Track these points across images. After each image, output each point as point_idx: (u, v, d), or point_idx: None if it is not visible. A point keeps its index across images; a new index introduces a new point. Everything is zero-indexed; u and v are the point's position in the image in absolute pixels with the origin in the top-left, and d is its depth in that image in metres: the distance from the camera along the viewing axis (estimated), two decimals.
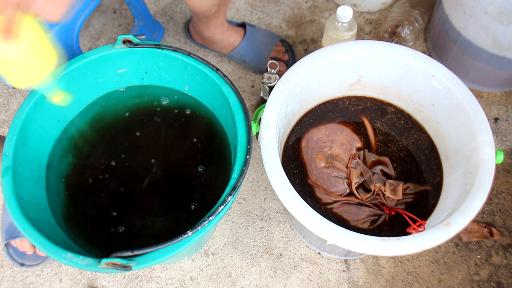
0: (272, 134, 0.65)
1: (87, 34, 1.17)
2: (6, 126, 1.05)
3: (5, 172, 0.62)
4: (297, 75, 0.70)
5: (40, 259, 0.89)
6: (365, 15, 1.20)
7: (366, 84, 0.80)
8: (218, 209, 0.58)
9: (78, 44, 0.84)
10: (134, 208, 0.71)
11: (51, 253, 0.57)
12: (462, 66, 1.03)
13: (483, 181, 0.61)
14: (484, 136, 0.65)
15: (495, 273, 0.89)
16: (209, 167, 0.74)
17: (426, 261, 0.90)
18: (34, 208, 0.64)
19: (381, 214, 0.72)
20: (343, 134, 0.79)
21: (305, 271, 0.89)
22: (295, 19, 1.19)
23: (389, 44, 0.73)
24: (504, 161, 0.99)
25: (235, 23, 1.11)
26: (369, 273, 0.89)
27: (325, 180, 0.75)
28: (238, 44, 1.05)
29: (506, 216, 0.94)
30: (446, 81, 0.70)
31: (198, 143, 0.76)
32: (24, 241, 0.87)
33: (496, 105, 1.06)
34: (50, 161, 0.72)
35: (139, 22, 1.08)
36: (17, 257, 0.88)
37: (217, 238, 0.92)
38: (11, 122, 0.66)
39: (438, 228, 0.58)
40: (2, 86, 1.10)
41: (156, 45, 0.71)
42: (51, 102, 0.62)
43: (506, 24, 0.86)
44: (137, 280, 0.88)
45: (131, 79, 0.78)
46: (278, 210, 0.95)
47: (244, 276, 0.89)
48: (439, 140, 0.77)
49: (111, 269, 0.54)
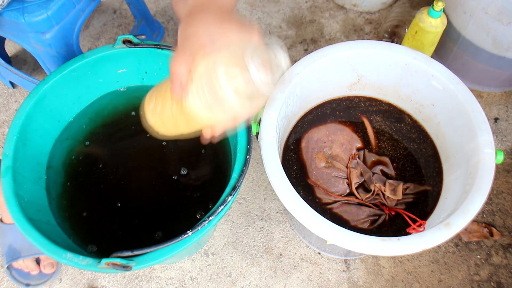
0: (272, 134, 0.65)
1: (87, 34, 1.17)
2: (6, 126, 1.05)
3: (5, 172, 0.62)
4: (297, 75, 0.70)
5: (45, 277, 0.86)
6: (365, 15, 1.20)
7: (366, 84, 0.80)
8: (218, 209, 0.58)
9: (78, 44, 0.84)
10: (135, 208, 0.71)
11: (51, 253, 0.57)
12: (462, 66, 1.03)
13: (483, 181, 0.61)
14: (484, 136, 0.65)
15: (495, 273, 0.89)
16: (209, 167, 0.74)
17: (426, 261, 0.90)
18: (34, 208, 0.64)
19: (381, 214, 0.72)
20: (343, 134, 0.79)
21: (305, 271, 0.89)
22: (295, 19, 1.19)
23: (389, 44, 0.73)
24: (504, 161, 0.99)
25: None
26: (369, 273, 0.89)
27: (325, 180, 0.75)
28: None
29: (506, 216, 0.94)
30: (446, 81, 0.70)
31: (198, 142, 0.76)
32: (28, 262, 0.84)
33: (496, 105, 1.06)
34: (50, 161, 0.72)
35: (139, 22, 1.08)
36: (22, 278, 0.86)
37: (217, 238, 0.92)
38: (11, 122, 0.66)
39: (438, 228, 0.58)
40: (2, 86, 1.10)
41: (156, 45, 0.71)
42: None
43: (506, 24, 0.86)
44: (137, 280, 0.88)
45: (131, 79, 0.78)
46: (278, 210, 0.95)
47: (244, 276, 0.89)
48: (439, 140, 0.77)
49: (111, 269, 0.54)
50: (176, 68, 0.43)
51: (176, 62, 0.43)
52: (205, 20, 0.44)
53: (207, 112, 0.44)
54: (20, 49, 1.16)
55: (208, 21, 0.44)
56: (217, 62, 0.40)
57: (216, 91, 0.41)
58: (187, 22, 0.45)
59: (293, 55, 1.14)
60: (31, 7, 0.73)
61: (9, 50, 1.14)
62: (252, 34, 0.44)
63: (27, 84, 1.01)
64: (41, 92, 0.69)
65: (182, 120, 0.48)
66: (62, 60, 0.82)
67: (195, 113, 0.45)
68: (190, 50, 0.43)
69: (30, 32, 0.75)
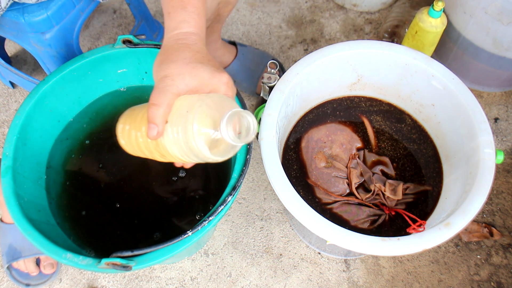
0: (272, 134, 0.65)
1: (87, 34, 1.17)
2: (6, 126, 1.05)
3: (5, 172, 0.62)
4: (297, 75, 0.70)
5: (45, 277, 0.86)
6: (365, 15, 1.20)
7: (366, 84, 0.80)
8: (218, 209, 0.58)
9: (78, 44, 0.84)
10: (135, 208, 0.71)
11: (51, 253, 0.57)
12: (462, 66, 1.03)
13: (483, 181, 0.61)
14: (484, 136, 0.65)
15: (495, 273, 0.89)
16: (209, 167, 0.74)
17: (426, 261, 0.90)
18: (34, 208, 0.64)
19: (381, 214, 0.72)
20: (343, 134, 0.79)
21: (305, 271, 0.89)
22: (295, 19, 1.19)
23: (389, 44, 0.73)
24: (504, 161, 0.99)
25: (227, 40, 1.08)
26: (369, 273, 0.89)
27: (325, 180, 0.75)
28: (229, 63, 1.03)
29: (506, 216, 0.94)
30: (446, 81, 0.70)
31: None
32: (28, 262, 0.84)
33: (496, 105, 1.06)
34: (50, 161, 0.72)
35: (139, 22, 1.08)
36: (21, 279, 0.85)
37: (217, 238, 0.92)
38: (11, 122, 0.66)
39: (438, 228, 0.58)
40: (2, 86, 1.10)
41: (156, 45, 0.71)
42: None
43: (506, 24, 0.86)
44: (137, 280, 0.88)
45: (131, 79, 0.78)
46: (278, 210, 0.95)
47: (244, 276, 0.89)
48: (439, 140, 0.77)
49: (111, 269, 0.54)
50: (153, 115, 0.45)
51: (153, 108, 0.45)
52: (178, 62, 0.47)
53: (181, 157, 0.47)
54: (20, 49, 1.16)
55: (181, 63, 0.47)
56: (194, 121, 0.44)
57: (192, 146, 0.44)
58: (162, 62, 0.48)
59: (293, 55, 1.14)
60: (31, 7, 0.73)
61: (9, 50, 1.14)
62: (222, 77, 0.47)
63: (27, 84, 1.01)
64: (41, 92, 0.68)
65: (156, 153, 0.50)
66: (62, 60, 0.82)
67: (169, 153, 0.48)
68: (165, 94, 0.45)
69: (30, 32, 0.75)
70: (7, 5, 0.69)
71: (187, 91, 0.46)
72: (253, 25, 1.18)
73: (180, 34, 0.50)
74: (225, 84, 0.48)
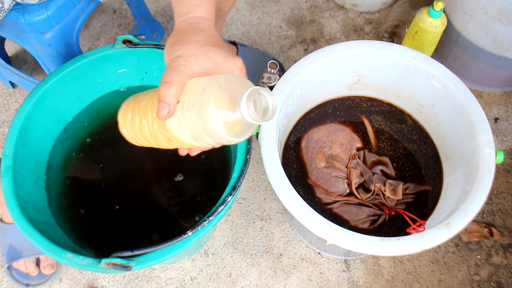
0: (272, 134, 0.65)
1: (87, 34, 1.17)
2: (6, 126, 1.05)
3: (5, 172, 0.62)
4: (297, 75, 0.70)
5: (45, 277, 0.86)
6: (365, 15, 1.20)
7: (366, 84, 0.80)
8: (218, 209, 0.58)
9: (78, 44, 0.84)
10: (135, 207, 0.71)
11: (51, 253, 0.57)
12: (462, 66, 1.03)
13: (483, 181, 0.61)
14: (484, 136, 0.65)
15: (495, 273, 0.89)
16: (209, 167, 0.74)
17: (426, 261, 0.90)
18: (34, 208, 0.64)
19: (381, 214, 0.72)
20: (343, 134, 0.79)
21: (305, 271, 0.89)
22: (295, 19, 1.19)
23: (389, 44, 0.73)
24: (504, 161, 0.99)
25: (227, 40, 1.08)
26: (369, 273, 0.89)
27: (325, 180, 0.75)
28: None
29: (506, 216, 0.94)
30: (446, 81, 0.70)
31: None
32: (28, 262, 0.84)
33: (496, 105, 1.06)
34: (50, 161, 0.72)
35: (139, 22, 1.08)
36: (21, 279, 0.85)
37: (217, 238, 0.92)
38: (11, 122, 0.66)
39: (438, 228, 0.58)
40: (2, 86, 1.10)
41: (156, 45, 0.71)
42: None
43: (506, 24, 0.86)
44: (137, 280, 0.88)
45: (131, 79, 0.78)
46: (278, 210, 0.95)
47: (244, 276, 0.89)
48: (439, 140, 0.77)
49: (111, 269, 0.54)
50: (165, 93, 0.43)
51: (165, 86, 0.43)
52: (192, 44, 0.45)
53: (191, 140, 0.45)
54: (20, 49, 1.16)
55: (195, 44, 0.45)
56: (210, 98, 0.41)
57: (208, 126, 0.42)
58: (175, 43, 0.46)
59: (293, 55, 1.14)
60: (31, 7, 0.73)
61: (9, 50, 1.14)
62: (236, 61, 0.45)
63: (27, 84, 1.01)
64: (41, 92, 0.69)
65: (161, 138, 0.48)
66: (62, 60, 0.82)
67: (177, 137, 0.46)
68: (178, 72, 0.43)
69: (30, 32, 0.75)
70: (10, 6, 0.69)
71: (200, 73, 0.44)
72: (253, 25, 1.18)
73: (193, 18, 0.48)
74: (239, 68, 0.46)
